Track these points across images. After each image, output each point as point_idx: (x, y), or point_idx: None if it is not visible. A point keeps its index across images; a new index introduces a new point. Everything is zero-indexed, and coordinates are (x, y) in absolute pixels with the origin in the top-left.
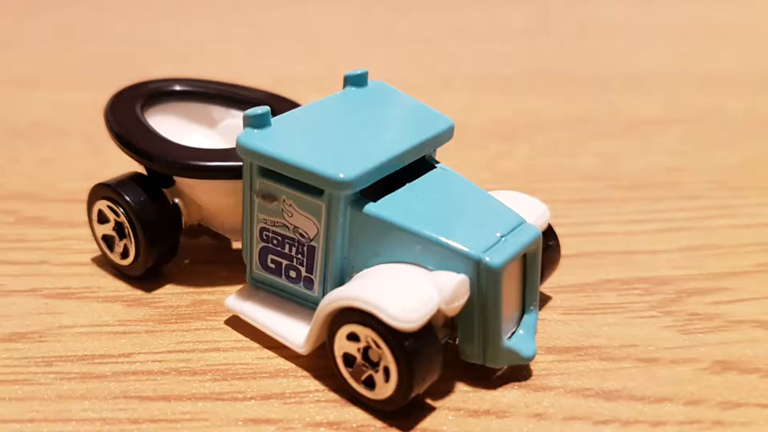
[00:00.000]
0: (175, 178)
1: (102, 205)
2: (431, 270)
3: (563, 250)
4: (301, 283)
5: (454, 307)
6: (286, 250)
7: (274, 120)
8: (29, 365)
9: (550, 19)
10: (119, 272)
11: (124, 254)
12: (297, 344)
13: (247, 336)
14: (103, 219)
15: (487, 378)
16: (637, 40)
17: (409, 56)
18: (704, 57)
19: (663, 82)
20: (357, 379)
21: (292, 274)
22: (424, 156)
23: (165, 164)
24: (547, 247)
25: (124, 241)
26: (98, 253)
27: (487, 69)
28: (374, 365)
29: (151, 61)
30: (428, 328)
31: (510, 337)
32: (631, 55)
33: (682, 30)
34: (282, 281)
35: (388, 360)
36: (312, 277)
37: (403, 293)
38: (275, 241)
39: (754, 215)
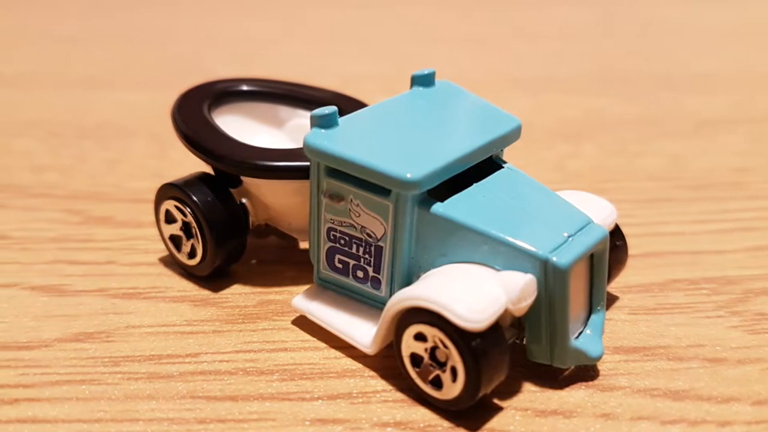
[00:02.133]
0: (243, 178)
1: (169, 205)
2: (498, 270)
3: (630, 250)
4: (369, 283)
5: (522, 307)
6: (354, 250)
7: (341, 120)
8: (96, 365)
9: (617, 19)
10: (186, 272)
11: (192, 254)
12: (364, 344)
13: (314, 336)
14: (170, 219)
15: (554, 378)
16: (704, 40)
17: (476, 56)
18: None
19: (729, 81)
20: (424, 379)
21: (360, 274)
22: (491, 156)
23: (232, 164)
24: (615, 247)
25: (192, 241)
26: (165, 253)
27: (553, 69)
28: (441, 365)
29: (217, 61)
30: (495, 328)
31: (577, 337)
32: (698, 54)
33: (748, 29)
34: (349, 281)
35: (456, 360)
36: (379, 277)
37: (471, 293)
38: (342, 241)
39: None
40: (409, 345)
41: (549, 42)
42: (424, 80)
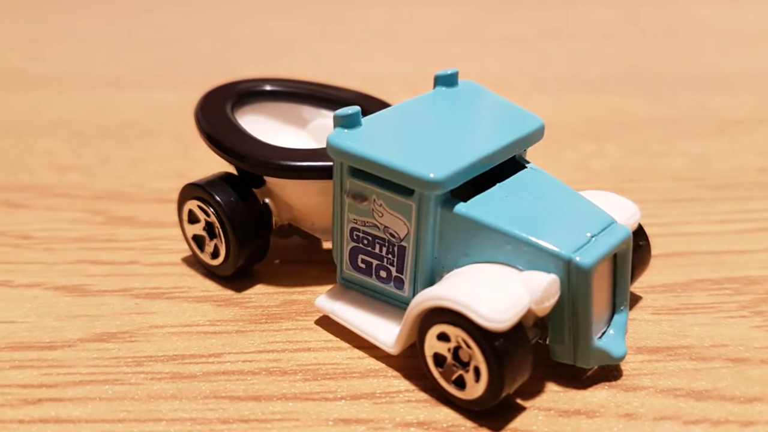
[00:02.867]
0: (266, 178)
1: (192, 205)
2: (521, 270)
3: (653, 250)
4: (392, 283)
5: (545, 307)
6: (377, 250)
7: (364, 120)
8: (120, 365)
9: (640, 19)
10: (209, 272)
11: (215, 254)
12: (387, 344)
13: (337, 336)
14: (193, 219)
15: (577, 378)
16: (727, 40)
17: (500, 56)
18: None
19: (753, 81)
20: (447, 379)
21: (383, 274)
22: (514, 156)
23: (255, 164)
24: (638, 247)
25: (215, 241)
26: (188, 253)
27: (577, 69)
28: (465, 365)
29: (241, 61)
30: (519, 328)
31: (600, 337)
32: (722, 54)
33: None
34: (372, 281)
35: (479, 360)
36: (402, 277)
37: (494, 293)
38: (366, 241)
39: None
40: (432, 345)
41: (572, 42)
42: (447, 80)
